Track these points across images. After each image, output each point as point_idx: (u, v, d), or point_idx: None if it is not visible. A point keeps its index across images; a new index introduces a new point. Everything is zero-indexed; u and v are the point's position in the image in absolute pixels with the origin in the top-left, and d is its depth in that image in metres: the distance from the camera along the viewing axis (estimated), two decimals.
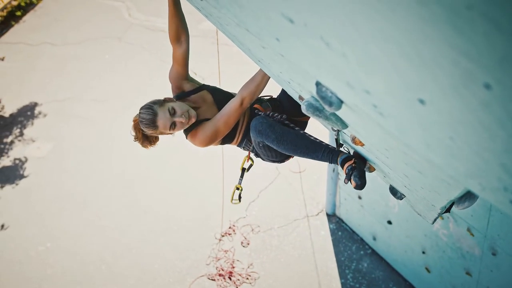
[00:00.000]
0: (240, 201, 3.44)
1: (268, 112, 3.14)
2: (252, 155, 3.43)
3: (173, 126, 2.86)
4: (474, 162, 0.97)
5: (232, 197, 3.40)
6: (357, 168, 2.66)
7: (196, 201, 8.41)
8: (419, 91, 0.93)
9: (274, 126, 2.89)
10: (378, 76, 1.02)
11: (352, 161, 2.70)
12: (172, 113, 2.85)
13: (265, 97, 3.44)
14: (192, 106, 3.07)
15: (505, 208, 1.02)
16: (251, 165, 3.45)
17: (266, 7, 1.23)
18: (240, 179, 3.45)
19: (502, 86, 0.73)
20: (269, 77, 2.70)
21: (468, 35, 0.71)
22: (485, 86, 0.75)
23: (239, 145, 3.32)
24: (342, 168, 2.77)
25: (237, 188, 3.46)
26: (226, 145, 3.34)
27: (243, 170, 3.43)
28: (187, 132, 3.06)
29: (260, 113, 3.19)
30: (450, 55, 0.77)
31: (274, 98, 3.47)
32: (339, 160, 2.82)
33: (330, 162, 2.88)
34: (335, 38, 1.05)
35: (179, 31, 3.03)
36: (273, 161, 3.27)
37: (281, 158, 3.21)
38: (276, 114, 3.10)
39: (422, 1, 0.72)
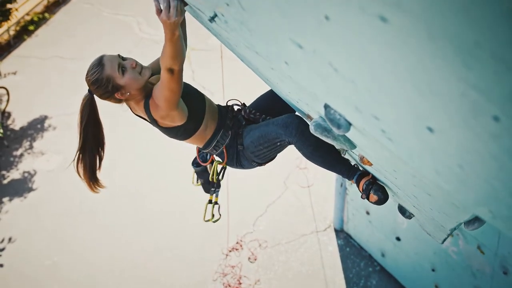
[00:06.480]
0: (220, 216, 2.97)
1: (248, 110, 2.92)
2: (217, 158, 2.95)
3: (121, 69, 2.46)
4: (484, 190, 0.97)
5: (205, 215, 2.93)
6: (376, 182, 2.59)
7: (202, 216, 8.39)
8: (428, 119, 0.93)
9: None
10: (387, 103, 1.02)
11: (370, 176, 2.63)
12: (122, 58, 2.53)
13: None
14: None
15: None
16: (224, 170, 2.96)
17: (276, 32, 1.24)
18: (216, 191, 3.04)
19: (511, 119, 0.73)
20: (177, 35, 2.09)
21: (476, 70, 0.71)
22: (494, 119, 0.75)
23: (207, 145, 2.82)
24: (358, 184, 2.66)
25: (210, 202, 3.06)
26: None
27: (217, 177, 2.97)
28: (147, 108, 2.58)
29: (240, 107, 2.94)
30: (459, 88, 0.77)
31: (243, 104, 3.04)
32: (355, 176, 2.70)
33: (346, 177, 2.74)
34: (343, 65, 1.05)
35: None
36: (255, 163, 2.89)
37: (267, 159, 2.88)
38: (257, 113, 2.90)
39: (432, 36, 0.73)
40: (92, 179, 2.65)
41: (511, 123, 0.73)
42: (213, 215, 3.08)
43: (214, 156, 2.98)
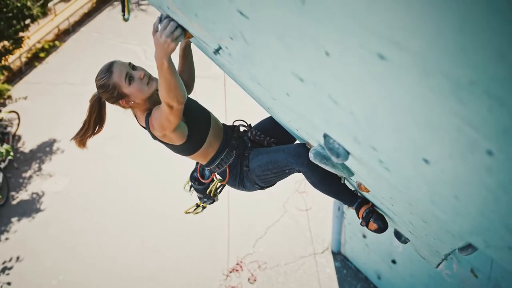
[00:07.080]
0: (201, 210, 3.10)
1: (254, 131, 2.97)
2: (218, 176, 2.98)
3: (129, 78, 2.48)
4: (479, 221, 0.99)
5: (189, 209, 3.09)
6: (376, 211, 2.64)
7: (203, 237, 8.41)
8: (424, 151, 0.95)
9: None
10: (385, 135, 1.05)
11: (370, 205, 2.67)
12: (132, 67, 2.53)
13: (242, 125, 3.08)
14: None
15: (508, 266, 1.04)
16: (223, 186, 3.05)
17: (278, 65, 1.28)
18: (209, 201, 3.13)
19: (505, 154, 0.75)
20: (166, 65, 2.06)
21: (471, 107, 0.74)
22: (487, 153, 0.78)
23: (210, 162, 2.85)
24: (358, 211, 2.70)
25: (198, 205, 3.17)
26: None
27: (215, 192, 3.05)
28: (147, 125, 2.63)
29: (246, 129, 3.00)
30: (454, 122, 0.79)
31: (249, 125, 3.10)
32: (355, 203, 2.74)
33: (348, 204, 2.78)
34: (343, 98, 1.08)
35: (187, 83, 2.88)
36: (257, 186, 2.93)
37: (270, 184, 2.93)
38: (262, 136, 2.95)
39: (428, 74, 0.76)
40: (82, 143, 2.81)
41: (504, 157, 0.76)
42: (195, 208, 3.16)
43: (216, 174, 2.98)
